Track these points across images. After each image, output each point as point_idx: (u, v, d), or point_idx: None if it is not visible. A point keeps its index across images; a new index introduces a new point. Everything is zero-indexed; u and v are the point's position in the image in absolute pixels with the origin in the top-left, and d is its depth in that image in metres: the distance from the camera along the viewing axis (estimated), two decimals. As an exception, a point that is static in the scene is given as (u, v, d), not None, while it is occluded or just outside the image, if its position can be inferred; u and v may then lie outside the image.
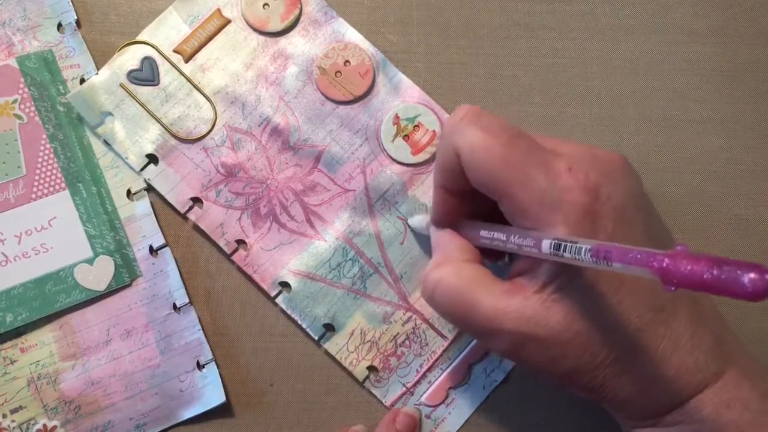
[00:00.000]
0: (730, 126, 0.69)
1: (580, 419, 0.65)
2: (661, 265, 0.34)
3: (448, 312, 0.52)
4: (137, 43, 0.65)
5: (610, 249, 0.38)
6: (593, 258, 0.39)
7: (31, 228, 0.62)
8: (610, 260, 0.38)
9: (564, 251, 0.42)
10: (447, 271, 0.52)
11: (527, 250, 0.46)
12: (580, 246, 0.41)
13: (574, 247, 0.41)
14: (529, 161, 0.47)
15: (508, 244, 0.48)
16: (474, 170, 0.48)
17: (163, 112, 0.65)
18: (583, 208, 0.45)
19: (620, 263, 0.37)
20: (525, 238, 0.46)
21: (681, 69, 0.69)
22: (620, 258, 0.37)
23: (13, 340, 0.62)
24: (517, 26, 0.69)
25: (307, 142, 0.66)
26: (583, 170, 0.47)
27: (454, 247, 0.54)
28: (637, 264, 0.36)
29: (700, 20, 0.70)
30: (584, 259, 0.40)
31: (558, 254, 0.42)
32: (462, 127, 0.49)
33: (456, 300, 0.51)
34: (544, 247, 0.44)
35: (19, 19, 0.65)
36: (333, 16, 0.67)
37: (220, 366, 0.63)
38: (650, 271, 0.35)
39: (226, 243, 0.64)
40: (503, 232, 0.49)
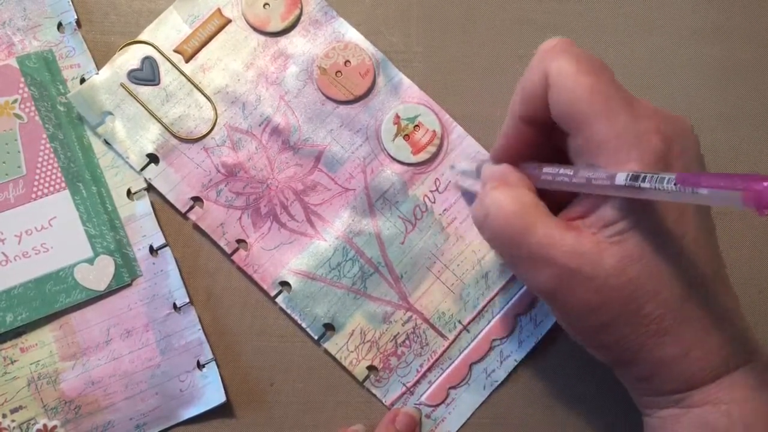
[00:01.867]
0: (730, 125, 0.69)
1: (580, 420, 0.65)
2: (758, 187, 0.33)
3: (500, 234, 0.50)
4: (138, 43, 0.65)
5: (698, 175, 0.37)
6: (678, 185, 0.38)
7: (31, 228, 0.62)
8: (698, 186, 0.37)
9: (643, 181, 0.41)
10: (505, 192, 0.50)
11: (598, 182, 0.45)
12: (662, 176, 0.40)
13: (656, 176, 0.40)
14: (614, 96, 0.46)
15: (575, 178, 0.47)
16: (560, 96, 0.47)
17: (163, 112, 0.65)
18: (659, 153, 0.45)
19: (709, 188, 0.36)
20: (596, 171, 0.45)
21: (681, 68, 0.69)
22: (709, 182, 0.36)
23: (13, 339, 0.62)
24: (517, 25, 0.69)
25: (308, 141, 0.66)
26: (661, 121, 0.46)
27: (514, 175, 0.52)
28: (730, 188, 0.35)
29: (700, 19, 0.70)
30: (666, 188, 0.39)
31: (635, 185, 0.41)
32: (554, 53, 0.48)
33: (511, 222, 0.49)
34: (620, 179, 0.42)
35: (19, 18, 0.65)
36: (333, 16, 0.67)
37: (220, 366, 0.63)
38: (743, 196, 0.34)
39: (226, 243, 0.64)
40: (569, 168, 0.48)
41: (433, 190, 0.66)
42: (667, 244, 0.46)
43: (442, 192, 0.66)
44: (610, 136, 0.45)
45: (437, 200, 0.66)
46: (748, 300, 0.54)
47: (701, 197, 0.37)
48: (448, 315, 0.65)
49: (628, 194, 0.43)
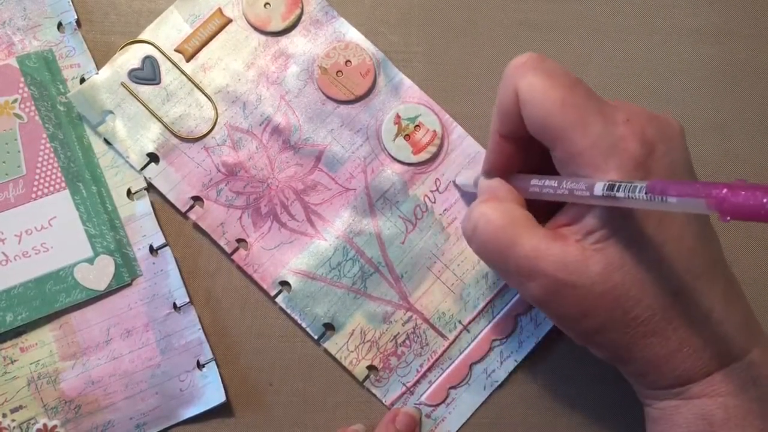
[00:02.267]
0: (730, 126, 0.69)
1: (580, 420, 0.65)
2: (720, 194, 0.34)
3: (487, 248, 0.51)
4: (138, 42, 0.65)
5: (666, 183, 0.38)
6: (649, 194, 0.39)
7: (31, 227, 0.62)
8: (666, 194, 0.38)
9: (618, 191, 0.41)
10: (493, 206, 0.51)
11: (579, 193, 0.45)
12: (635, 184, 0.40)
13: (629, 185, 0.41)
14: (587, 107, 0.46)
15: (559, 189, 0.47)
16: (532, 112, 0.48)
17: (164, 111, 0.65)
18: (638, 159, 0.45)
19: (677, 197, 0.37)
20: (577, 183, 0.46)
21: (681, 69, 0.69)
22: (677, 191, 0.37)
23: (13, 339, 0.62)
24: (517, 26, 0.69)
25: (308, 141, 0.66)
26: (641, 124, 0.47)
27: (503, 189, 0.53)
28: (694, 195, 0.36)
29: (700, 20, 0.70)
30: (638, 196, 0.40)
31: (611, 195, 0.42)
32: (524, 69, 0.49)
33: (498, 236, 0.50)
34: (597, 189, 0.43)
35: (19, 18, 0.65)
36: (334, 16, 0.67)
37: (220, 365, 0.63)
38: (707, 203, 0.35)
39: (226, 242, 0.64)
40: (554, 179, 0.49)
41: (433, 190, 0.66)
42: (648, 250, 0.47)
43: (442, 192, 0.66)
44: (585, 147, 0.45)
45: (437, 200, 0.66)
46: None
47: (671, 205, 0.38)
48: (449, 315, 0.65)
49: (607, 203, 0.43)
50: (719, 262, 0.50)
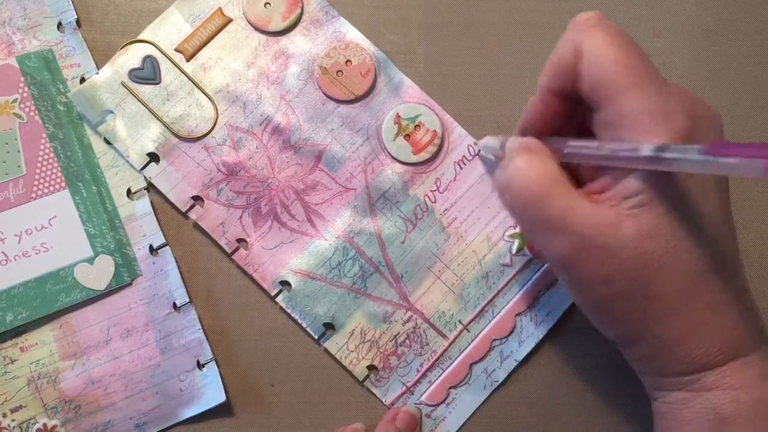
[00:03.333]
0: (735, 124, 0.68)
1: (581, 419, 0.65)
2: None
3: (520, 200, 0.50)
4: (139, 42, 0.65)
5: (725, 143, 0.38)
6: (704, 153, 0.39)
7: (31, 227, 0.62)
8: (725, 154, 0.37)
9: (668, 152, 0.41)
10: (529, 159, 0.50)
11: (622, 154, 0.45)
12: (687, 147, 0.40)
13: (681, 147, 0.41)
14: (645, 72, 0.47)
15: (600, 150, 0.47)
16: (592, 68, 0.48)
17: (164, 111, 0.65)
18: (685, 132, 0.45)
19: (736, 157, 0.37)
20: (621, 144, 0.46)
21: (686, 67, 0.69)
22: (736, 151, 0.37)
23: (14, 339, 0.62)
24: (518, 25, 0.69)
25: (308, 141, 0.66)
26: (689, 100, 0.47)
27: (538, 144, 0.52)
28: (756, 155, 0.35)
29: (707, 18, 0.70)
30: (690, 158, 0.40)
31: (660, 156, 0.42)
32: (588, 26, 0.49)
33: (533, 189, 0.49)
34: (645, 150, 0.43)
35: (19, 18, 0.65)
36: (334, 16, 0.67)
37: (220, 365, 0.63)
38: (765, 164, 0.34)
39: (226, 242, 0.64)
40: (594, 141, 0.49)
41: (433, 190, 0.66)
42: (685, 221, 0.46)
43: (442, 192, 0.66)
44: (638, 110, 0.46)
45: (438, 200, 0.66)
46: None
47: (725, 166, 0.37)
48: (449, 315, 0.65)
49: (652, 166, 0.43)
50: (739, 253, 0.50)
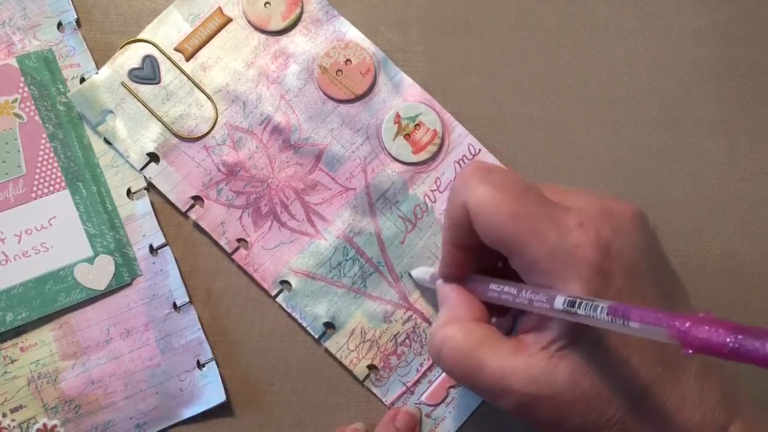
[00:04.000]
0: (730, 127, 0.69)
1: None
2: (682, 327, 0.34)
3: (454, 371, 0.51)
4: (138, 42, 0.65)
5: (629, 308, 0.38)
6: (610, 316, 0.39)
7: (31, 227, 0.62)
8: (628, 319, 0.38)
9: (578, 308, 0.41)
10: (454, 330, 0.51)
11: (538, 305, 0.45)
12: (596, 304, 0.40)
13: (590, 304, 0.41)
14: (539, 216, 0.47)
15: (518, 298, 0.48)
16: (483, 226, 0.48)
17: (164, 111, 0.65)
18: (595, 265, 0.45)
19: (639, 323, 0.37)
20: (537, 294, 0.46)
21: (681, 70, 0.69)
22: (640, 318, 0.37)
23: (14, 339, 0.62)
24: (517, 25, 0.69)
25: (308, 140, 0.66)
26: (594, 225, 0.46)
27: (462, 305, 0.54)
28: (656, 324, 0.36)
29: (700, 20, 0.70)
30: (599, 317, 0.40)
31: (571, 311, 0.42)
32: (472, 183, 0.48)
33: (462, 360, 0.50)
34: (557, 304, 0.43)
35: (19, 18, 0.65)
36: (334, 15, 0.67)
37: (220, 365, 0.63)
38: (668, 334, 0.35)
39: (226, 242, 0.64)
40: (514, 287, 0.49)
41: (433, 190, 0.66)
42: (613, 352, 0.46)
43: (442, 191, 0.66)
44: (542, 257, 0.46)
45: (438, 199, 0.66)
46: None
47: (632, 329, 0.38)
48: None
49: (567, 318, 0.43)
50: None
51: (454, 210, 0.50)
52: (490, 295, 0.51)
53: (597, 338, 0.46)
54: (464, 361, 0.49)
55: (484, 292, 0.52)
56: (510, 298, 0.49)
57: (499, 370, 0.48)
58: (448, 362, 0.51)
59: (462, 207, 0.49)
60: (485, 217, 0.47)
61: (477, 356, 0.49)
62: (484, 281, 0.52)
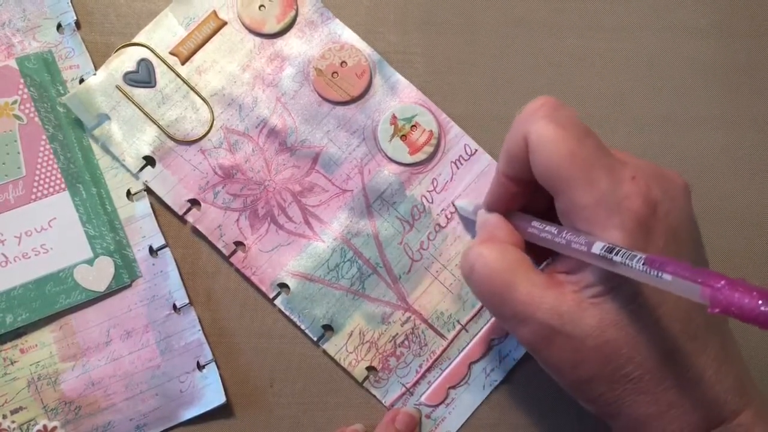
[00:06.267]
0: (731, 124, 0.71)
1: (580, 418, 0.67)
2: (717, 285, 0.36)
3: (483, 290, 0.52)
4: (133, 45, 0.67)
5: (666, 260, 0.40)
6: (646, 267, 0.40)
7: (30, 229, 0.64)
8: (663, 271, 0.39)
9: (616, 255, 0.43)
10: (490, 248, 0.52)
11: (576, 247, 0.47)
12: (634, 253, 0.42)
13: (628, 253, 0.42)
14: (595, 161, 0.48)
15: (557, 238, 0.49)
16: (540, 161, 0.49)
17: (159, 114, 0.67)
18: (640, 219, 0.46)
19: (673, 276, 0.39)
20: (577, 236, 0.47)
21: (682, 67, 0.71)
22: (675, 271, 0.39)
23: (13, 340, 0.64)
24: (516, 25, 0.71)
25: (305, 143, 0.68)
26: (645, 182, 0.48)
27: (501, 228, 0.55)
28: (691, 279, 0.37)
29: (700, 18, 0.72)
30: (635, 266, 0.41)
31: (608, 257, 0.43)
32: (536, 117, 0.50)
33: (494, 279, 0.51)
34: (596, 248, 0.45)
35: (19, 19, 0.67)
36: (329, 17, 0.69)
37: (220, 366, 0.65)
38: (700, 291, 0.37)
39: (224, 245, 0.66)
40: (554, 227, 0.51)
41: (430, 190, 0.68)
42: (645, 310, 0.48)
43: (439, 192, 0.68)
44: (590, 202, 0.47)
45: (435, 200, 0.68)
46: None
47: (664, 282, 0.40)
48: (447, 315, 0.67)
49: (602, 264, 0.45)
50: (715, 323, 0.51)
51: (514, 141, 0.51)
52: (530, 232, 0.53)
53: (631, 294, 0.47)
54: (496, 279, 0.51)
55: (525, 229, 0.54)
56: (549, 237, 0.50)
57: (528, 296, 0.49)
58: (479, 279, 0.52)
59: (522, 139, 0.50)
60: (543, 152, 0.48)
61: (509, 278, 0.51)
62: (526, 218, 0.55)
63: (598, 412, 0.53)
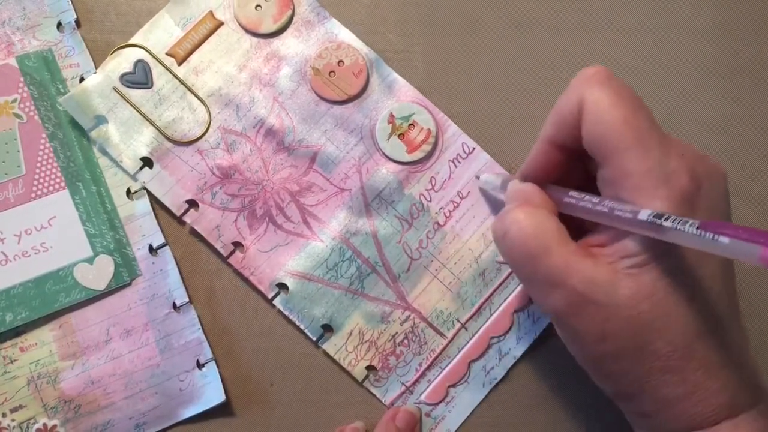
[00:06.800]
0: (731, 125, 0.72)
1: (581, 415, 0.67)
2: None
3: (516, 254, 0.52)
4: (130, 47, 0.68)
5: (722, 224, 0.39)
6: (700, 231, 0.40)
7: (30, 227, 0.65)
8: (721, 234, 0.39)
9: (666, 221, 0.43)
10: (527, 212, 0.52)
11: (620, 214, 0.47)
12: (685, 219, 0.42)
13: (679, 219, 0.42)
14: (648, 132, 0.48)
15: (599, 206, 0.49)
16: (594, 125, 0.49)
17: (157, 115, 0.68)
18: (686, 194, 0.47)
19: (730, 238, 0.38)
20: (621, 204, 0.47)
21: (682, 68, 0.72)
22: (732, 233, 0.38)
23: (13, 339, 0.65)
24: (516, 25, 0.72)
25: (302, 142, 0.69)
26: (693, 161, 0.48)
27: (538, 195, 0.55)
28: (751, 241, 0.37)
29: (701, 19, 0.73)
30: (688, 230, 0.41)
31: (657, 223, 0.43)
32: (593, 82, 0.50)
33: (529, 243, 0.51)
34: (642, 215, 0.45)
35: (19, 18, 0.68)
36: (326, 17, 0.70)
37: (220, 365, 0.66)
38: (761, 251, 0.36)
39: (222, 245, 0.67)
40: (594, 197, 0.50)
41: (429, 189, 0.69)
42: (682, 284, 0.47)
43: (438, 191, 0.69)
44: (640, 170, 0.47)
45: (433, 199, 0.69)
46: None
47: (720, 246, 0.39)
48: (446, 313, 0.68)
49: (648, 232, 0.45)
50: (738, 308, 0.51)
51: (566, 105, 0.51)
52: (566, 202, 0.53)
53: (668, 268, 0.47)
54: (531, 243, 0.51)
55: (561, 200, 0.54)
56: (589, 206, 0.50)
57: (562, 263, 0.49)
58: (513, 242, 0.52)
59: (576, 102, 0.50)
60: (598, 115, 0.49)
61: (545, 241, 0.50)
62: (562, 190, 0.54)
63: (617, 390, 0.53)
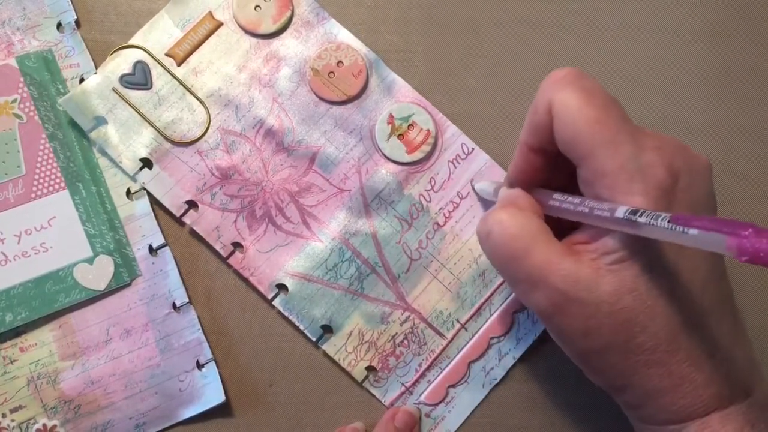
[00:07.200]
0: (726, 128, 0.72)
1: (580, 416, 0.68)
2: (744, 233, 0.36)
3: (499, 254, 0.53)
4: (129, 48, 0.69)
5: (691, 217, 0.40)
6: (671, 224, 0.41)
7: (30, 227, 0.66)
8: (689, 226, 0.39)
9: (640, 216, 0.43)
10: (510, 213, 0.53)
11: (599, 213, 0.47)
12: (658, 214, 0.42)
13: (652, 213, 0.42)
14: (619, 129, 0.48)
15: (579, 207, 0.50)
16: (564, 127, 0.50)
17: (156, 116, 0.68)
18: (663, 187, 0.47)
19: (698, 230, 0.39)
20: (599, 203, 0.48)
21: (678, 71, 0.73)
22: (700, 224, 0.39)
23: (13, 339, 0.65)
24: (516, 25, 0.73)
25: (302, 143, 0.69)
26: (669, 153, 0.49)
27: (523, 198, 0.56)
28: (716, 230, 0.37)
29: (698, 21, 0.73)
30: (660, 225, 0.41)
31: (632, 219, 0.44)
32: (561, 84, 0.51)
33: (511, 242, 0.51)
34: (619, 212, 0.45)
35: (19, 18, 0.69)
36: (325, 17, 0.71)
37: (220, 365, 0.66)
38: (727, 241, 0.37)
39: (222, 246, 0.67)
40: (576, 197, 0.51)
41: (428, 189, 0.69)
42: (663, 278, 0.48)
43: (437, 191, 0.69)
44: (613, 168, 0.48)
45: (433, 199, 0.69)
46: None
47: (690, 238, 0.40)
48: (446, 314, 0.68)
49: (626, 228, 0.45)
50: (729, 299, 0.52)
51: (538, 109, 0.52)
52: (551, 204, 0.54)
53: (648, 262, 0.48)
54: (512, 243, 0.51)
55: (546, 202, 0.54)
56: (571, 207, 0.51)
57: (544, 261, 0.50)
58: (495, 242, 0.53)
59: (546, 106, 0.51)
60: (567, 117, 0.49)
61: (527, 242, 0.51)
62: (547, 192, 0.55)
63: (606, 384, 0.54)
